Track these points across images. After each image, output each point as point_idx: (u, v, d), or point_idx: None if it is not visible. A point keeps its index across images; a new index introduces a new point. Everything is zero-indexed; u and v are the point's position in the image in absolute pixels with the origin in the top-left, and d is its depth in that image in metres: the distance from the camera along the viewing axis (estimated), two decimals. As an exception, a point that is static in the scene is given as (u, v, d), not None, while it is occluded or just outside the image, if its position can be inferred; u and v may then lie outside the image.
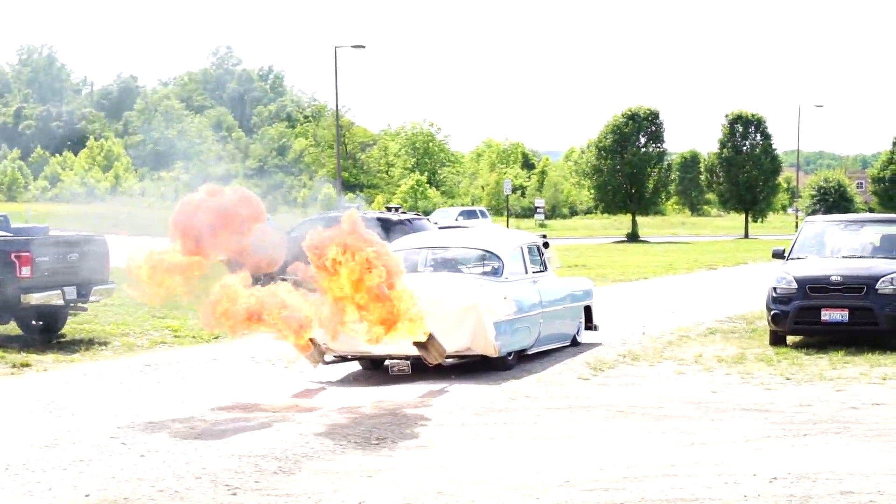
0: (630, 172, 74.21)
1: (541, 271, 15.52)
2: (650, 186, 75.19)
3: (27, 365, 14.51)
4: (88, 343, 16.68)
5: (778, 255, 17.57)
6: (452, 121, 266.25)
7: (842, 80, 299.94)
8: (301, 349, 12.64)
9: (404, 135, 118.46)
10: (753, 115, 78.69)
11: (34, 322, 17.35)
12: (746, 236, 75.03)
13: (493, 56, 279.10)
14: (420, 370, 13.29)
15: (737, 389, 12.65)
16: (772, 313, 16.21)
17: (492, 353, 13.48)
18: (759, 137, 78.62)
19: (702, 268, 37.68)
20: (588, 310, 16.67)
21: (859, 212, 75.44)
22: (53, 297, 16.34)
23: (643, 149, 75.28)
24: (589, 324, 16.67)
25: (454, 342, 13.12)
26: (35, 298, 16.06)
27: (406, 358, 13.11)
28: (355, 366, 14.40)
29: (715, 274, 34.92)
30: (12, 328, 17.39)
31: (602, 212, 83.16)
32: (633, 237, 72.11)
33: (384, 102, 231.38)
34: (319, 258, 11.64)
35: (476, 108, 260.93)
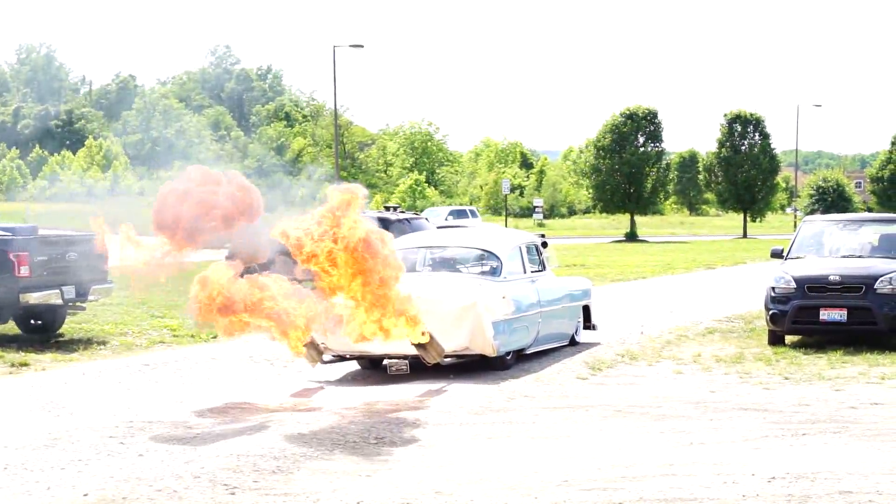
0: (628, 172, 74.17)
1: (539, 271, 15.52)
2: (649, 186, 75.14)
3: (26, 364, 14.50)
4: (87, 342, 16.68)
5: (776, 255, 17.57)
6: (451, 120, 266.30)
7: (840, 80, 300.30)
8: (296, 353, 12.32)
9: (403, 134, 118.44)
10: (752, 115, 78.57)
11: (32, 321, 17.35)
12: (745, 236, 74.93)
13: (492, 55, 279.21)
14: (418, 370, 13.29)
15: (735, 389, 12.65)
16: (770, 313, 16.20)
17: (490, 353, 13.48)
18: (758, 137, 78.51)
19: (700, 267, 37.65)
20: (586, 309, 16.67)
21: (858, 211, 75.53)
22: (52, 297, 16.32)
23: (642, 148, 75.23)
24: (587, 323, 16.67)
25: (453, 342, 13.11)
26: (33, 298, 16.05)
27: (404, 357, 13.09)
28: (354, 365, 14.40)
29: (713, 273, 34.90)
30: (11, 327, 17.39)
31: (600, 211, 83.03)
32: (632, 237, 72.12)
33: (382, 102, 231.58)
34: (315, 255, 11.43)
35: (474, 108, 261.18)
